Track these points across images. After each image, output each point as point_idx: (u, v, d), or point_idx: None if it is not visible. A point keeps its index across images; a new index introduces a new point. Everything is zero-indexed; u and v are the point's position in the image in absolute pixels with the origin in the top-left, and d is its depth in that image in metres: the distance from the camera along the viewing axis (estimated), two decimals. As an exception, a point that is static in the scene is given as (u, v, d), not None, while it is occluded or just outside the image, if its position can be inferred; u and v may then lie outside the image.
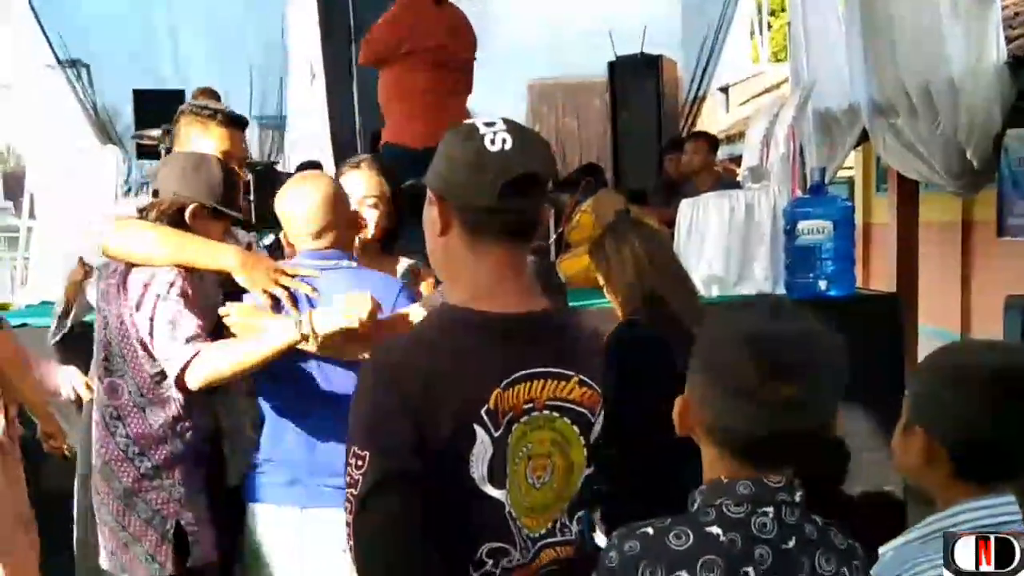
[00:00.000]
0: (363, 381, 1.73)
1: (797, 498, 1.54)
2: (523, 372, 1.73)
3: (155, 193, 2.87)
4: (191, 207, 2.80)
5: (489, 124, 1.75)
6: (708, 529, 1.51)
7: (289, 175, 8.28)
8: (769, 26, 18.92)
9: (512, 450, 1.72)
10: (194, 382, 2.63)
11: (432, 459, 1.64)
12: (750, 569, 1.49)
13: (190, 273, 2.76)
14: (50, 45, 9.71)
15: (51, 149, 8.53)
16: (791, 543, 1.51)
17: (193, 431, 2.86)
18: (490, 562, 1.71)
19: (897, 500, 4.53)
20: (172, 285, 2.70)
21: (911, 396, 1.75)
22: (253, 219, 5.01)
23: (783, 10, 16.77)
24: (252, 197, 6.75)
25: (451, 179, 1.73)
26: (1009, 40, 5.35)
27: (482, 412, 1.67)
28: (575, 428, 1.81)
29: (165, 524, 2.79)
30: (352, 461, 1.65)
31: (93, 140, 9.66)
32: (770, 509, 1.51)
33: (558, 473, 1.80)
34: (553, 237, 6.23)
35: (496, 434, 1.69)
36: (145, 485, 2.79)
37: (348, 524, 1.66)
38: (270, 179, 6.97)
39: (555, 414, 1.78)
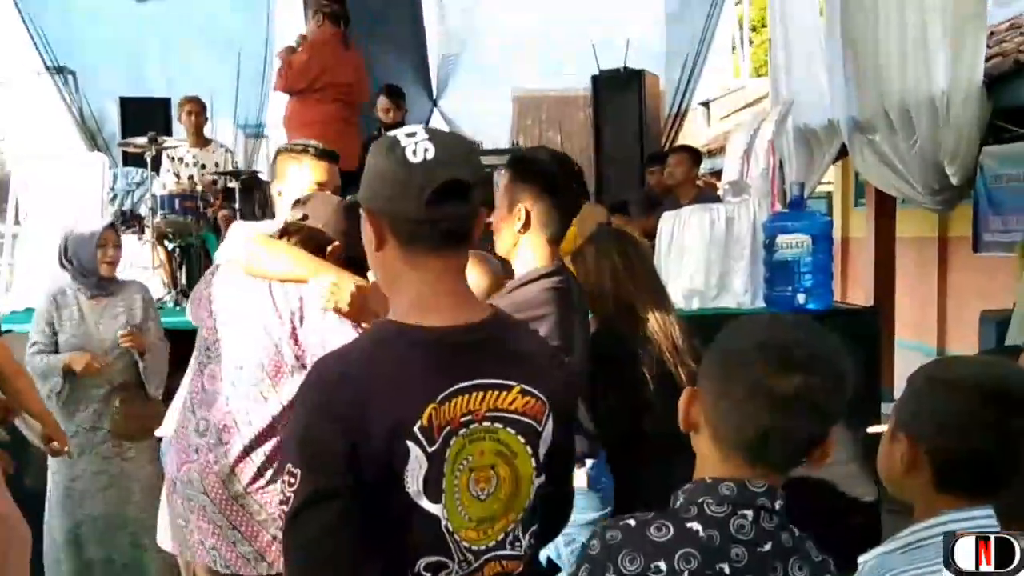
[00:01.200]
0: (298, 398, 1.74)
1: (777, 506, 1.56)
2: (461, 385, 1.70)
3: (304, 217, 2.93)
4: (332, 245, 2.88)
5: (410, 135, 1.72)
6: (688, 524, 1.54)
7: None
8: (751, 42, 19.04)
9: (451, 463, 1.70)
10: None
11: (365, 475, 1.63)
12: (725, 566, 1.52)
13: None
14: (37, 51, 9.71)
15: (37, 155, 8.52)
16: (767, 547, 1.54)
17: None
18: (428, 575, 1.70)
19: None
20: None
21: (898, 404, 1.77)
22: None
23: (764, 26, 16.89)
24: (238, 205, 6.80)
25: (380, 193, 1.72)
26: (987, 59, 5.44)
27: (415, 429, 1.65)
28: (520, 439, 1.77)
29: (277, 524, 2.76)
30: (286, 478, 1.65)
31: (80, 146, 9.67)
32: (749, 512, 1.54)
33: (504, 484, 1.77)
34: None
35: (431, 449, 1.67)
36: (259, 486, 2.80)
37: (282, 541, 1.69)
38: (253, 188, 7.02)
39: (497, 425, 1.74)
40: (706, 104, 16.87)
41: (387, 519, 1.68)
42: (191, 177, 7.39)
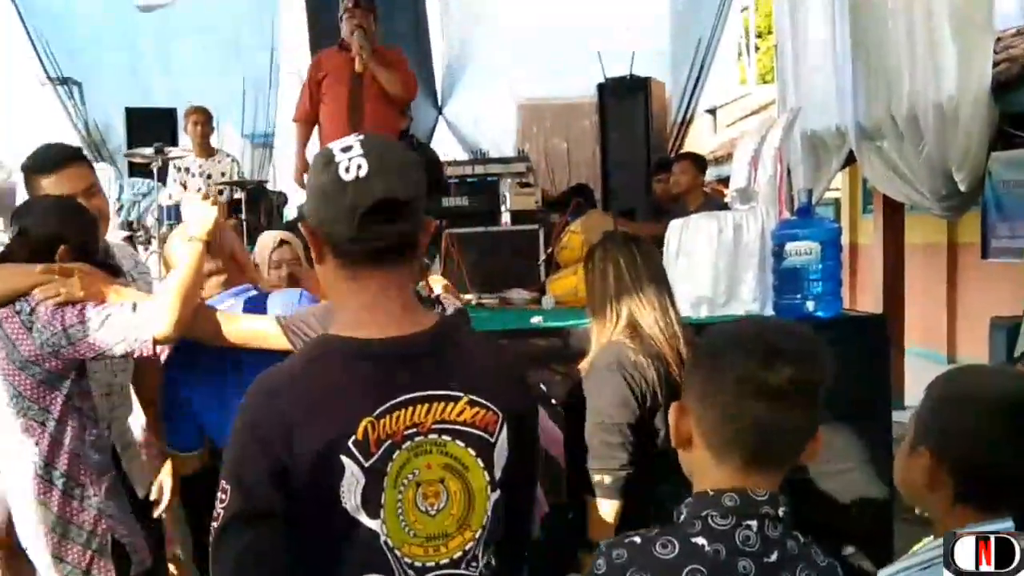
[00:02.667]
0: (237, 413, 1.72)
1: (781, 512, 1.56)
2: (403, 397, 1.68)
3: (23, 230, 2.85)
4: (61, 249, 2.82)
5: (345, 149, 1.69)
6: (694, 540, 1.53)
7: (278, 193, 8.33)
8: (756, 48, 19.03)
9: (394, 478, 1.68)
10: (168, 328, 2.66)
11: (298, 493, 1.63)
12: None
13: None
14: (41, 63, 9.74)
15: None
16: (773, 556, 1.53)
17: (99, 441, 2.91)
18: None
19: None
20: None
21: (918, 416, 1.76)
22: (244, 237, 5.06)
23: (770, 32, 16.88)
24: (244, 216, 6.80)
25: (316, 210, 1.71)
26: (994, 65, 5.41)
27: (349, 443, 1.63)
28: (470, 451, 1.74)
29: (100, 541, 2.81)
30: (219, 494, 1.65)
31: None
32: (754, 522, 1.53)
33: (456, 499, 1.74)
34: (543, 257, 6.27)
35: (367, 464, 1.65)
36: (74, 508, 2.80)
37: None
38: (259, 197, 7.02)
39: (445, 437, 1.72)
40: (712, 111, 16.84)
41: (326, 535, 1.67)
42: (198, 187, 7.40)
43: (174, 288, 2.68)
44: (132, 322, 2.67)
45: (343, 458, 1.64)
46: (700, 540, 1.53)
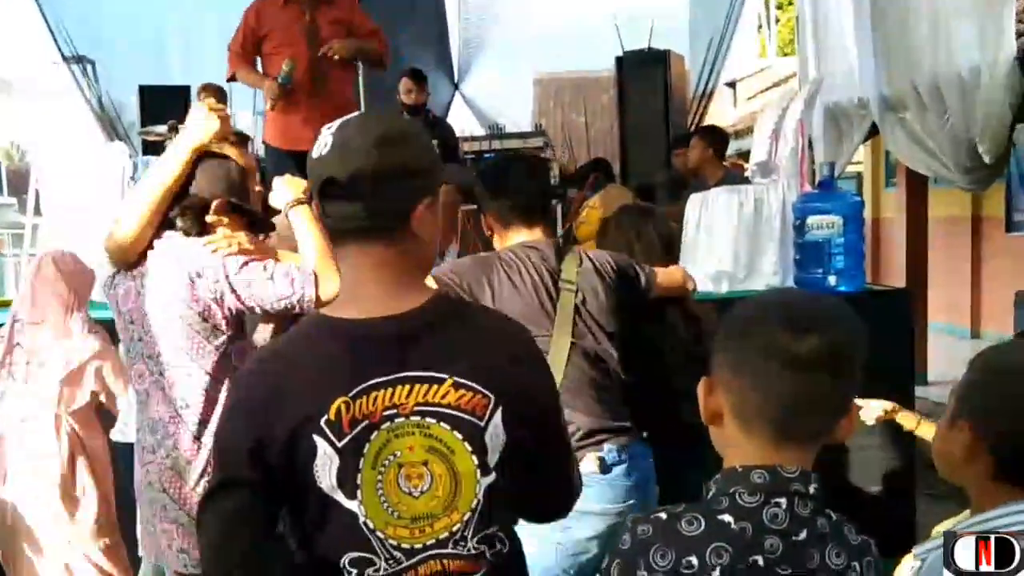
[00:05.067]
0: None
1: (812, 490, 1.51)
2: (382, 378, 1.67)
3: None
4: (215, 202, 2.75)
5: (330, 127, 1.74)
6: (720, 517, 1.50)
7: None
8: (776, 20, 18.88)
9: (371, 458, 1.68)
10: (336, 288, 2.47)
11: (274, 468, 1.66)
12: (759, 558, 1.47)
13: None
14: (55, 41, 9.74)
15: (56, 145, 8.51)
16: (802, 535, 1.49)
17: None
18: (354, 571, 1.69)
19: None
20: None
21: (959, 390, 1.75)
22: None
23: (790, 3, 16.74)
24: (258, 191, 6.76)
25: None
26: (1018, 35, 5.32)
27: (321, 423, 1.64)
28: (456, 434, 1.71)
29: None
30: (212, 465, 1.75)
31: (99, 136, 9.66)
32: (783, 500, 1.50)
33: (441, 482, 1.72)
34: (561, 232, 6.22)
35: (340, 444, 1.65)
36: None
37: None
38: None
39: (428, 420, 1.70)
40: (732, 84, 16.76)
41: (306, 513, 1.70)
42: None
43: (319, 253, 2.67)
44: (298, 279, 2.65)
45: (315, 437, 1.65)
46: (726, 517, 1.49)
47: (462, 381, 1.70)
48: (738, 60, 12.94)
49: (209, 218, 2.74)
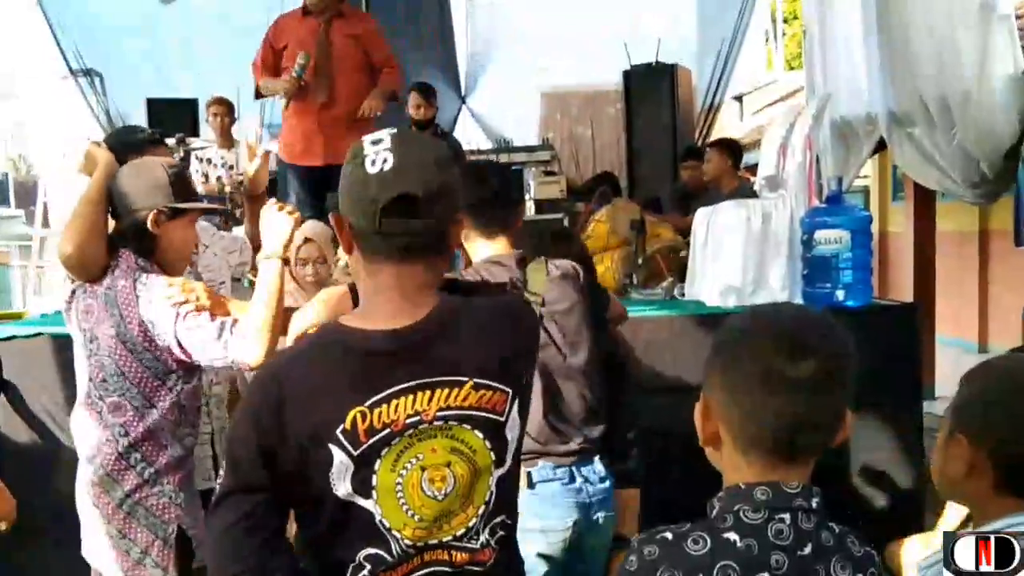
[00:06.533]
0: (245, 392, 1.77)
1: (814, 504, 1.52)
2: (403, 386, 1.71)
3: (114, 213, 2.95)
4: (151, 215, 2.88)
5: (376, 142, 1.73)
6: (725, 535, 1.50)
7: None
8: (783, 34, 18.89)
9: (391, 462, 1.71)
10: (260, 359, 2.68)
11: (288, 475, 1.69)
12: (766, 574, 1.48)
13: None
14: (63, 54, 9.77)
15: (64, 158, 8.53)
16: (807, 549, 1.50)
17: (191, 435, 2.97)
18: (368, 567, 1.73)
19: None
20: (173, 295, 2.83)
21: (955, 405, 1.75)
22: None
23: (796, 18, 16.74)
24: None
25: (344, 201, 1.76)
26: (1024, 49, 5.31)
27: (337, 432, 1.68)
28: (478, 433, 1.77)
29: (167, 529, 2.85)
30: (222, 470, 1.76)
31: (107, 149, 9.67)
32: (787, 515, 1.50)
33: (462, 483, 1.77)
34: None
35: (356, 452, 1.69)
36: (146, 492, 2.85)
37: None
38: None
39: (451, 423, 1.74)
40: (739, 98, 16.74)
41: (319, 516, 1.73)
42: (219, 178, 7.40)
43: (263, 316, 2.72)
44: (232, 346, 2.74)
45: (331, 447, 1.68)
46: (732, 535, 1.50)
47: (481, 381, 1.76)
48: (745, 74, 12.96)
49: (153, 229, 2.88)
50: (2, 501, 3.01)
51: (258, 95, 6.59)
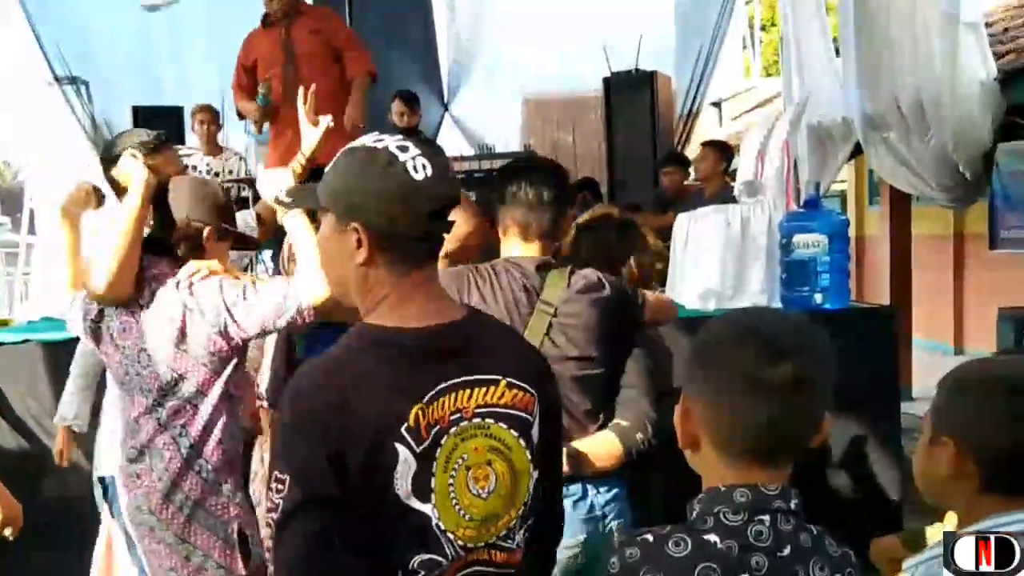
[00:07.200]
0: (283, 405, 1.73)
1: (793, 506, 1.55)
2: (447, 383, 1.72)
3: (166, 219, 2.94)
4: (207, 229, 2.93)
5: (403, 149, 1.71)
6: (705, 537, 1.52)
7: (286, 191, 8.32)
8: (761, 41, 18.98)
9: (443, 463, 1.72)
10: (326, 292, 2.62)
11: (352, 479, 1.64)
12: None
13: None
14: (48, 61, 9.73)
15: (49, 165, 8.52)
16: (786, 551, 1.52)
17: (236, 434, 2.94)
18: (422, 572, 1.71)
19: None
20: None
21: (937, 408, 1.75)
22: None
23: (774, 24, 16.83)
24: (253, 212, 6.79)
25: (379, 210, 1.69)
26: (998, 56, 5.40)
27: (402, 430, 1.67)
28: (512, 432, 1.79)
29: (227, 528, 2.83)
30: (273, 486, 1.67)
31: (92, 156, 9.67)
32: (766, 517, 1.52)
33: (503, 480, 1.79)
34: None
35: (419, 449, 1.68)
36: (207, 492, 2.82)
37: (270, 550, 1.71)
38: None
39: (488, 420, 1.76)
40: (717, 104, 16.81)
41: (378, 519, 1.69)
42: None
43: (311, 258, 2.68)
44: (289, 292, 2.73)
45: (397, 445, 1.67)
46: (712, 537, 1.52)
47: (514, 381, 1.80)
48: (723, 80, 13.02)
49: (206, 244, 2.93)
50: (8, 507, 2.90)
51: (240, 116, 6.74)
